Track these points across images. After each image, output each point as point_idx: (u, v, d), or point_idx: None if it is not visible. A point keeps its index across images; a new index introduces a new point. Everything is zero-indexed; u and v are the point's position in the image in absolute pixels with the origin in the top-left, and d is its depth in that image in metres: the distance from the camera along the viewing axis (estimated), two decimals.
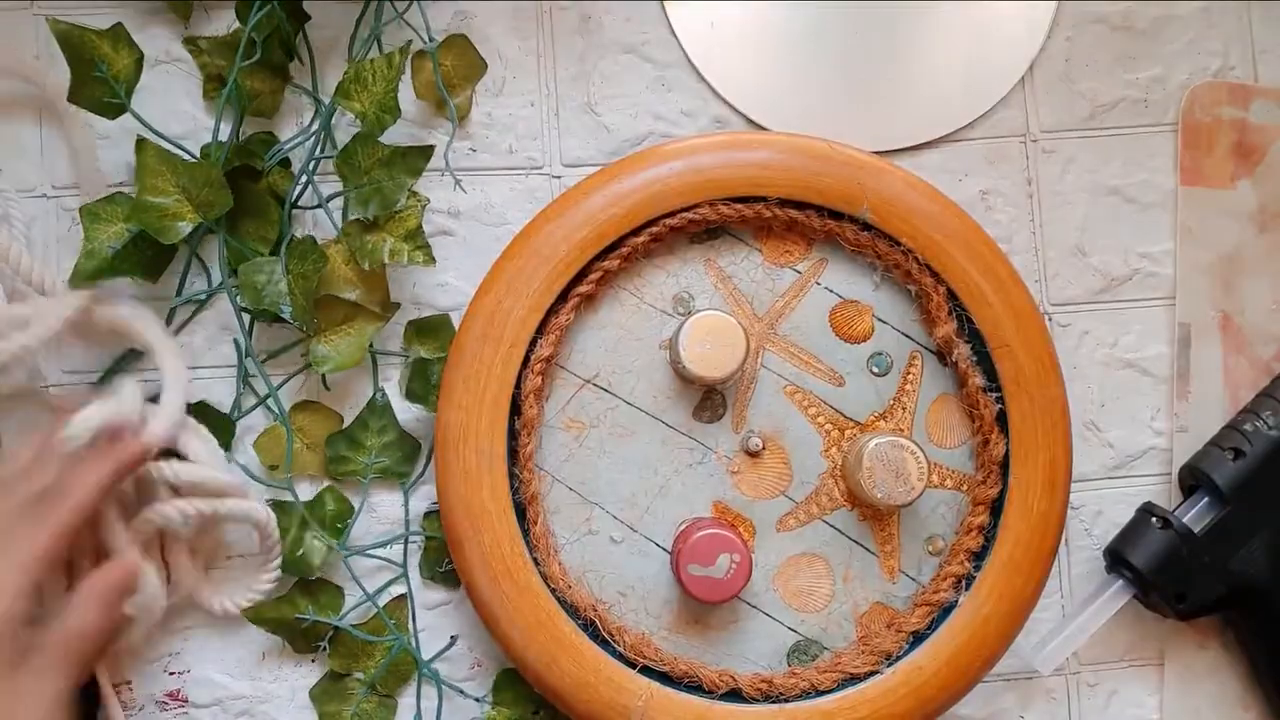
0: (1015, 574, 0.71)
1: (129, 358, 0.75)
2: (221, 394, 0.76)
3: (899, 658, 0.71)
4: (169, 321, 0.76)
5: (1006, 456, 0.72)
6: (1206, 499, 0.74)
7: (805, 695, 0.71)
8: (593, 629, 0.71)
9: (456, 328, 0.75)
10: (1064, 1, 0.79)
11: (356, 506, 0.76)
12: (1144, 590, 0.74)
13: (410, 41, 0.75)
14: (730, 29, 0.78)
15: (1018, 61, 0.79)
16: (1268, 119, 0.79)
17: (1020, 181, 0.79)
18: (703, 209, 0.72)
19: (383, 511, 0.76)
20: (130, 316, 0.72)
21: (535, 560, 0.71)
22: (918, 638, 0.71)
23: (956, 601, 0.71)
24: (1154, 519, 0.74)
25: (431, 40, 0.76)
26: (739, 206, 0.73)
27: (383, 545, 0.75)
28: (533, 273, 0.71)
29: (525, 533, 0.71)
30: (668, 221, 0.72)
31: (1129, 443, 0.78)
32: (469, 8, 0.77)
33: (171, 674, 0.75)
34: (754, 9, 0.78)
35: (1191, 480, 0.76)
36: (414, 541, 0.76)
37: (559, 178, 0.78)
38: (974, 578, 0.71)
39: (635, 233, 0.72)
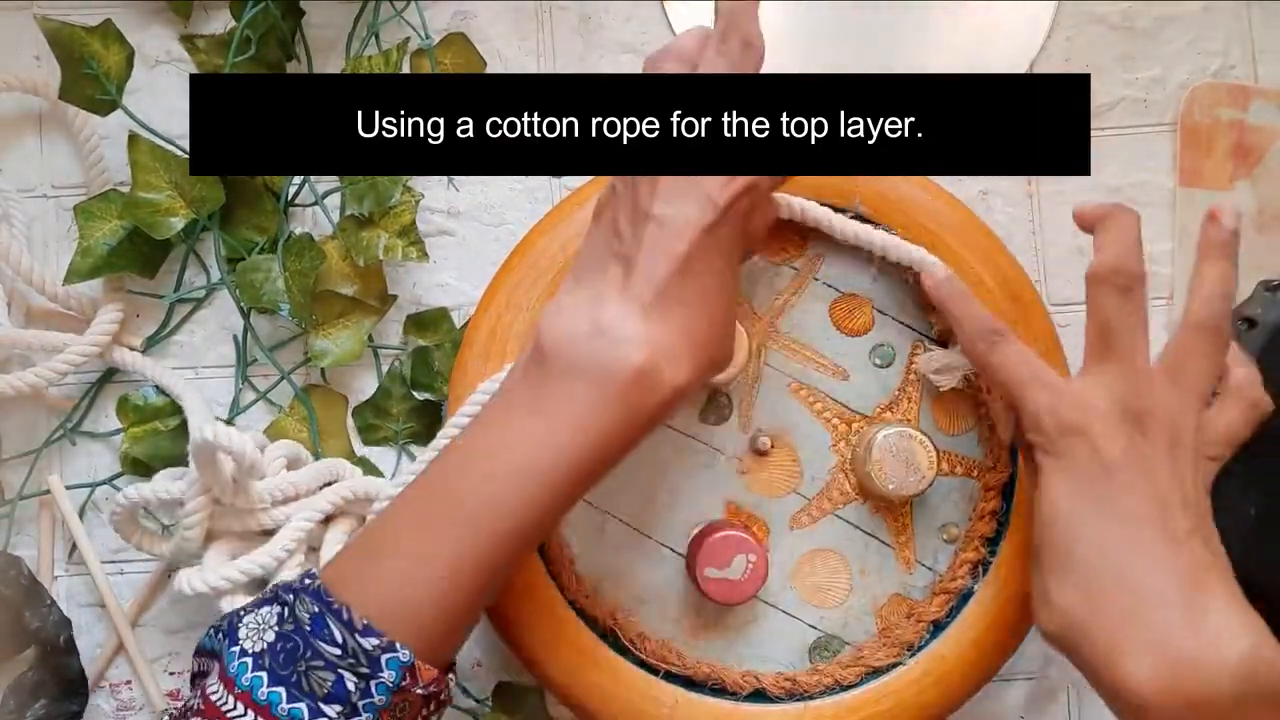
0: (1030, 557, 0.69)
1: None
2: (220, 392, 0.76)
3: (921, 648, 0.70)
4: (167, 319, 0.76)
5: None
6: None
7: (829, 691, 0.70)
8: (613, 638, 0.70)
9: (456, 324, 0.75)
10: (1064, 1, 0.79)
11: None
12: None
13: (408, 39, 0.75)
14: None
15: (1018, 61, 0.79)
16: (1266, 120, 0.79)
17: (1020, 181, 0.79)
18: None
19: None
20: None
21: (551, 573, 0.70)
22: (938, 627, 0.70)
23: (974, 588, 0.70)
24: None
25: (429, 39, 0.76)
26: None
27: None
28: (531, 285, 0.71)
29: (540, 546, 0.70)
30: None
31: None
32: (469, 7, 0.77)
33: (172, 674, 0.75)
34: None
35: None
36: None
37: (559, 178, 0.77)
38: (990, 563, 0.71)
39: None
